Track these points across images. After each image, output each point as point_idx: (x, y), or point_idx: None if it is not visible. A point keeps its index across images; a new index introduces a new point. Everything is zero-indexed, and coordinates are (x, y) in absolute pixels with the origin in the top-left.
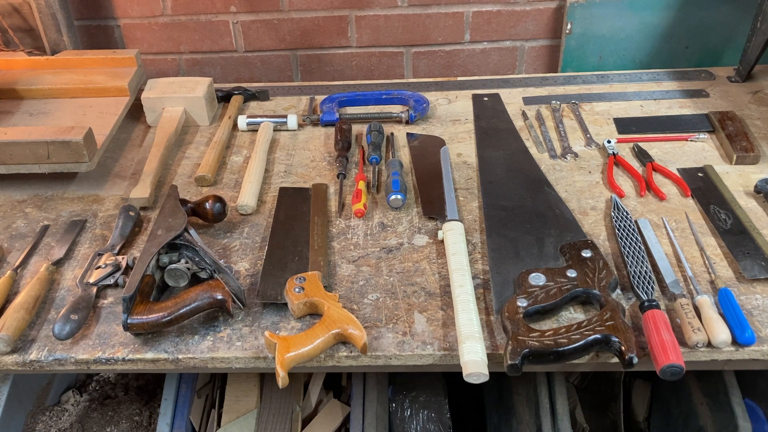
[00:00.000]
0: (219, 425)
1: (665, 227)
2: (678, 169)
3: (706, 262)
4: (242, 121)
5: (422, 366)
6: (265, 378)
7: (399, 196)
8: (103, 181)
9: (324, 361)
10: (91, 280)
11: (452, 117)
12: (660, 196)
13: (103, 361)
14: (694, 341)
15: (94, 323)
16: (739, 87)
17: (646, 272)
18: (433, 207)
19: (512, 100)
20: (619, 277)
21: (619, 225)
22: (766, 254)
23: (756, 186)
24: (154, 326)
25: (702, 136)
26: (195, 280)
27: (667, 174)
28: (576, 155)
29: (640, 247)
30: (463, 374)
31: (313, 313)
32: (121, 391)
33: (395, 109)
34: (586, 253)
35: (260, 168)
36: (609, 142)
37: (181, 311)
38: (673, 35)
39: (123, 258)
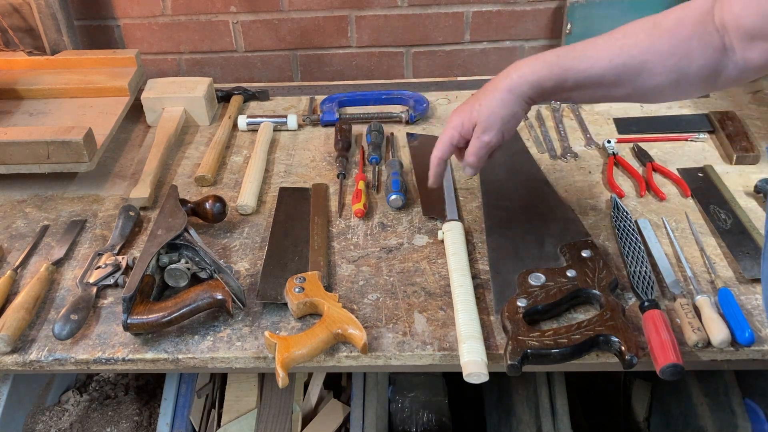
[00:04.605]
0: (219, 425)
1: (665, 227)
2: (678, 169)
3: (706, 262)
4: (242, 121)
5: (422, 366)
6: (265, 378)
7: (399, 196)
8: (103, 181)
9: (324, 361)
10: (91, 280)
11: None
12: (660, 196)
13: (103, 361)
14: (693, 341)
15: (94, 323)
16: (739, 87)
17: (646, 272)
18: (433, 207)
19: None
20: (619, 277)
21: (619, 225)
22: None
23: (756, 186)
24: (154, 326)
25: (702, 136)
26: (195, 280)
27: (667, 174)
28: (576, 155)
29: (640, 247)
30: (463, 374)
31: (313, 313)
32: (121, 391)
33: (395, 109)
34: (586, 253)
35: (260, 168)
36: (609, 142)
37: (181, 311)
38: None
39: (123, 258)
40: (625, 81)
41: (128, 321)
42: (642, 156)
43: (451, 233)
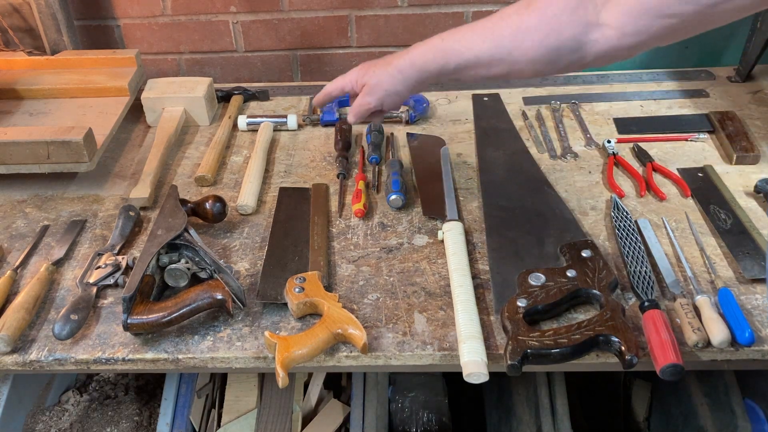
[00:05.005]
0: (219, 425)
1: (665, 227)
2: (678, 169)
3: (706, 262)
4: (242, 121)
5: (422, 366)
6: (265, 378)
7: (399, 196)
8: (103, 181)
9: (324, 361)
10: (91, 280)
11: (452, 117)
12: (660, 196)
13: (103, 361)
14: (693, 341)
15: (94, 323)
16: (739, 87)
17: (646, 272)
18: (433, 207)
19: (512, 100)
20: (619, 277)
21: (619, 225)
22: (766, 254)
23: (756, 186)
24: (154, 326)
25: (702, 136)
26: (195, 280)
27: (667, 174)
28: (576, 155)
29: (640, 247)
30: (463, 374)
31: (313, 313)
32: (121, 391)
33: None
34: (586, 253)
35: (260, 168)
36: (609, 142)
37: (181, 311)
38: None
39: (123, 258)
40: (500, 60)
41: (128, 321)
42: (642, 156)
43: (451, 233)
